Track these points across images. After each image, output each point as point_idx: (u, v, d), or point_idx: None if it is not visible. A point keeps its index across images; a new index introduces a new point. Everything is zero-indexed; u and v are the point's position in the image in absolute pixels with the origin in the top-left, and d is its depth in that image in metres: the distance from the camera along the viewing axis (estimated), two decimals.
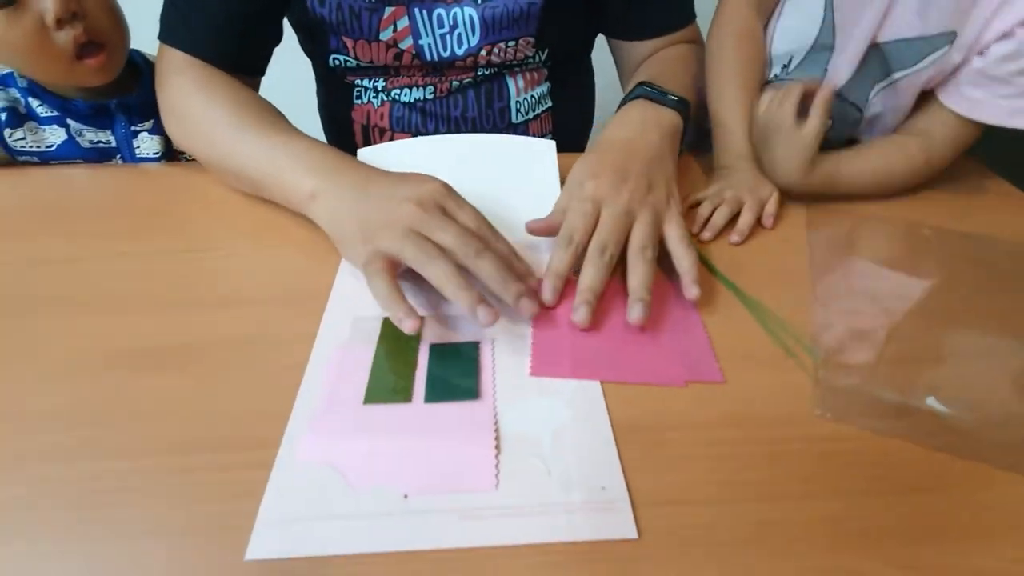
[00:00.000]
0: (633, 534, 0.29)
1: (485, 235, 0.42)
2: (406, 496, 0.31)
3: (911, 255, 0.49)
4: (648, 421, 0.35)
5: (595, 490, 0.31)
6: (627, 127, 0.51)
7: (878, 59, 0.54)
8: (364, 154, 0.52)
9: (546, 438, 0.34)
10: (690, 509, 0.30)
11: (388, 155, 0.51)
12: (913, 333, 0.40)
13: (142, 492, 0.30)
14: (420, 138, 0.54)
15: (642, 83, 0.55)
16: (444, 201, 0.42)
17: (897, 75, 0.54)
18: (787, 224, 0.52)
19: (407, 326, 0.37)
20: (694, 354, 0.39)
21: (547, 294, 0.42)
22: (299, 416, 0.35)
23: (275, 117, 0.53)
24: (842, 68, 0.55)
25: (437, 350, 0.39)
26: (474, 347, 0.39)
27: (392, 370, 0.38)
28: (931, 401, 0.35)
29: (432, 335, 0.40)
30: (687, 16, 0.66)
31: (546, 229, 0.46)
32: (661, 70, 0.60)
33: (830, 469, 0.32)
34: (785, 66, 0.59)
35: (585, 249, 0.43)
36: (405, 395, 0.36)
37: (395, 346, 0.39)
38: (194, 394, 0.36)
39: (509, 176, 0.51)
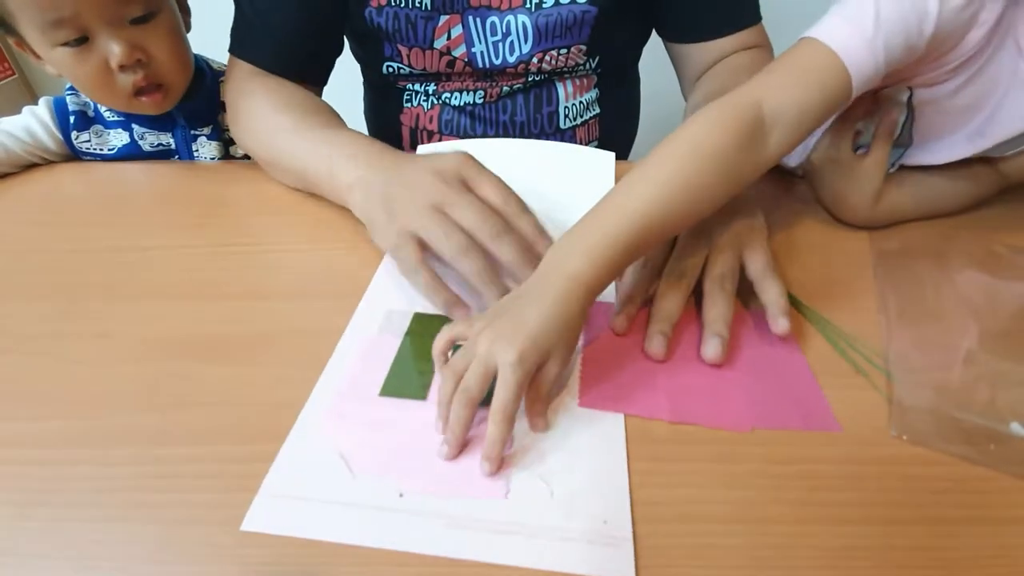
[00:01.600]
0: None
1: (509, 210, 0.40)
2: (401, 495, 0.30)
3: (985, 272, 0.46)
4: (705, 435, 0.33)
5: (596, 521, 0.29)
6: None
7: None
8: (422, 151, 0.53)
9: (554, 458, 0.32)
10: (755, 528, 0.29)
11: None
12: (991, 354, 0.38)
13: (156, 477, 0.31)
14: (479, 140, 0.53)
15: None
16: (466, 171, 0.41)
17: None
18: (849, 237, 0.50)
19: (457, 313, 0.36)
20: (798, 397, 0.35)
21: (619, 322, 0.39)
22: (315, 400, 0.35)
23: (332, 118, 0.54)
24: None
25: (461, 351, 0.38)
26: None
27: (414, 366, 0.37)
28: (1015, 427, 0.33)
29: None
30: (752, 15, 0.60)
31: None
32: (733, 81, 0.56)
33: (910, 494, 0.30)
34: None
35: (658, 274, 0.40)
36: (421, 392, 0.35)
37: (420, 343, 0.39)
38: (229, 383, 0.37)
39: (565, 184, 0.50)
